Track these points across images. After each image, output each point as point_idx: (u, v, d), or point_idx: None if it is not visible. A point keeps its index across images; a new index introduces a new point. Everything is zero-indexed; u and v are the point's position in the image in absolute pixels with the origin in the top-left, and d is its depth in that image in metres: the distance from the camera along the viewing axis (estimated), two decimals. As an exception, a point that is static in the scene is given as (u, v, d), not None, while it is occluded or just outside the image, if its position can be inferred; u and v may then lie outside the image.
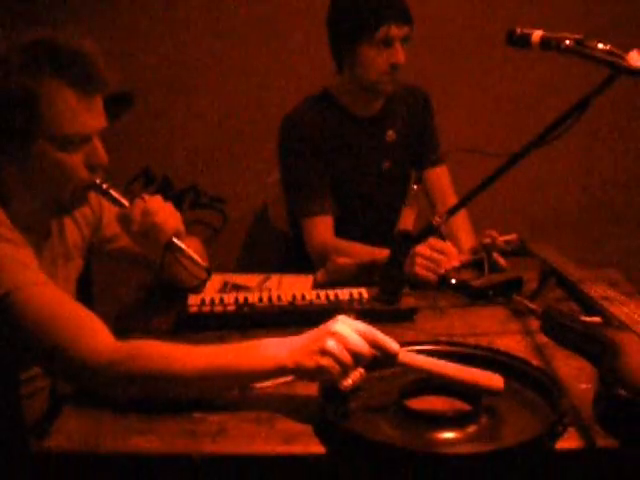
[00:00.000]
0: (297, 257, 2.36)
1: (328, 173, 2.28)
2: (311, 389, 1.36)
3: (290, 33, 3.19)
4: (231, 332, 1.69)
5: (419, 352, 1.45)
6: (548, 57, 1.65)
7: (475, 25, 3.20)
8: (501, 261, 1.98)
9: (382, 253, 1.88)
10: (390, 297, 1.74)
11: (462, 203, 1.74)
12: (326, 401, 1.33)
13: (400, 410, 1.32)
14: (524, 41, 1.59)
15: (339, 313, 1.67)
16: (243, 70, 3.28)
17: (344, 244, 2.17)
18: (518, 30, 1.59)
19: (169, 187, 3.36)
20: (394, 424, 1.30)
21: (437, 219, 1.71)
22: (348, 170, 2.31)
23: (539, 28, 1.58)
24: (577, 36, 1.50)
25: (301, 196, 2.28)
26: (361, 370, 1.42)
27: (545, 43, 1.55)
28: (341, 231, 2.25)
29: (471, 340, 1.62)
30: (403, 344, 1.51)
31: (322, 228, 2.24)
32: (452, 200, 2.33)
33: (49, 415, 1.42)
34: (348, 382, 1.39)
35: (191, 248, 1.71)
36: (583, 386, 1.41)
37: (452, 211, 1.72)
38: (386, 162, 2.35)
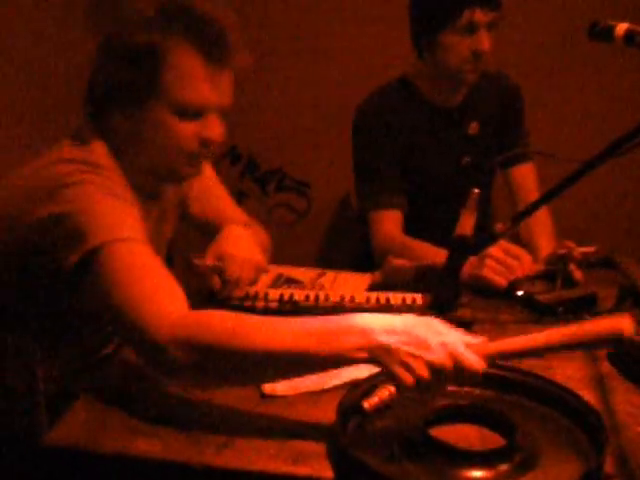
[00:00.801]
0: (365, 253, 2.24)
1: (401, 166, 2.15)
2: (336, 403, 1.25)
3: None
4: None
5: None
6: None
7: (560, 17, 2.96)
8: (577, 274, 1.80)
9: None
10: (444, 307, 1.60)
11: (531, 209, 1.58)
12: (343, 421, 1.21)
13: (423, 440, 1.18)
14: (607, 34, 1.42)
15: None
16: (331, 56, 3.16)
17: (411, 242, 2.04)
18: (601, 22, 1.42)
19: (255, 168, 3.30)
20: (415, 456, 1.17)
21: (500, 226, 1.56)
22: (424, 163, 2.17)
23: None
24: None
25: (370, 188, 2.16)
26: (391, 388, 1.29)
27: (630, 37, 1.37)
28: (411, 229, 2.12)
29: (526, 363, 1.47)
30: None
31: (389, 223, 2.11)
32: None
33: (60, 406, 1.35)
34: (374, 400, 1.27)
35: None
36: (639, 429, 1.25)
37: (518, 218, 1.57)
38: (466, 157, 2.19)
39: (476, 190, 1.54)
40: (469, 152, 2.19)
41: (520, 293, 1.73)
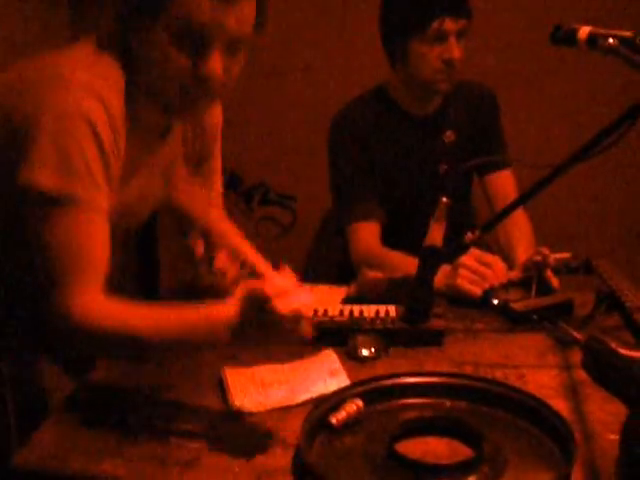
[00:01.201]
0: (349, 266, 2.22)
1: (378, 176, 2.13)
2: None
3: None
4: (242, 345, 1.57)
5: (422, 383, 1.32)
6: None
7: (533, 20, 2.96)
8: (553, 281, 1.79)
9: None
10: (417, 317, 1.59)
11: (500, 216, 1.57)
12: (309, 437, 1.20)
13: (389, 455, 1.17)
14: (570, 38, 1.41)
15: (359, 332, 1.57)
16: (313, 71, 3.15)
17: (389, 254, 2.02)
18: (564, 26, 1.41)
19: (238, 183, 3.28)
20: (382, 472, 1.15)
21: (469, 235, 1.55)
22: (400, 173, 2.16)
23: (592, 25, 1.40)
24: (628, 34, 1.31)
25: (346, 199, 2.14)
26: (359, 403, 1.28)
27: (592, 40, 1.36)
28: (391, 240, 2.10)
29: (499, 372, 1.46)
30: (413, 374, 1.38)
31: (367, 235, 2.09)
32: (518, 211, 2.14)
33: (28, 426, 1.34)
34: (341, 415, 1.26)
35: None
36: (612, 437, 1.22)
37: (488, 226, 1.56)
38: (443, 165, 2.18)
39: (444, 199, 1.53)
40: (446, 160, 2.18)
41: (496, 302, 1.72)
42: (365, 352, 1.52)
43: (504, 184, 2.19)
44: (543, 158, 1.50)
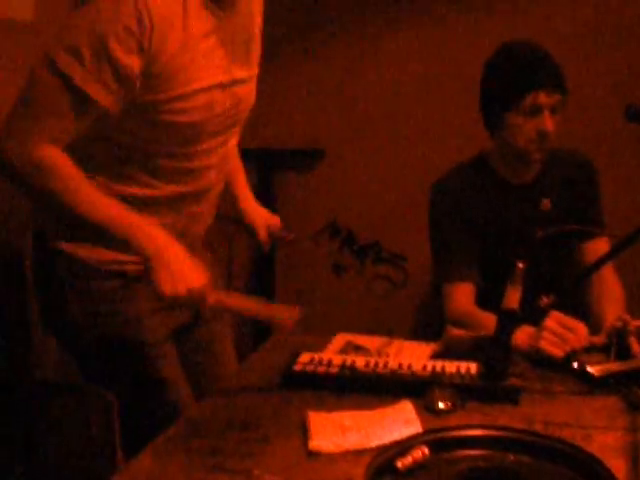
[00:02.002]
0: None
1: (476, 240, 2.24)
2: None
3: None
4: (331, 393, 1.71)
5: (488, 436, 1.41)
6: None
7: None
8: (635, 347, 1.83)
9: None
10: (494, 375, 1.68)
11: (577, 280, 1.65)
12: (375, 478, 1.31)
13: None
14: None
15: (438, 386, 1.67)
16: (425, 135, 3.31)
17: (481, 315, 2.12)
18: (634, 105, 1.50)
19: (353, 241, 3.45)
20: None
21: (545, 300, 1.64)
22: (497, 238, 2.26)
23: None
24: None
25: (445, 261, 2.26)
26: (425, 449, 1.39)
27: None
28: (484, 301, 2.20)
29: (567, 431, 1.53)
30: (480, 426, 1.47)
31: (461, 295, 2.20)
32: (611, 277, 2.21)
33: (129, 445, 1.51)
34: (407, 460, 1.37)
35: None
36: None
37: (564, 291, 1.64)
38: (540, 232, 2.26)
39: (520, 265, 1.63)
40: (542, 228, 2.26)
41: (575, 365, 1.78)
42: (441, 405, 1.62)
43: (599, 252, 2.24)
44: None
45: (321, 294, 3.55)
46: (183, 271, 1.58)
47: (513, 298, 1.63)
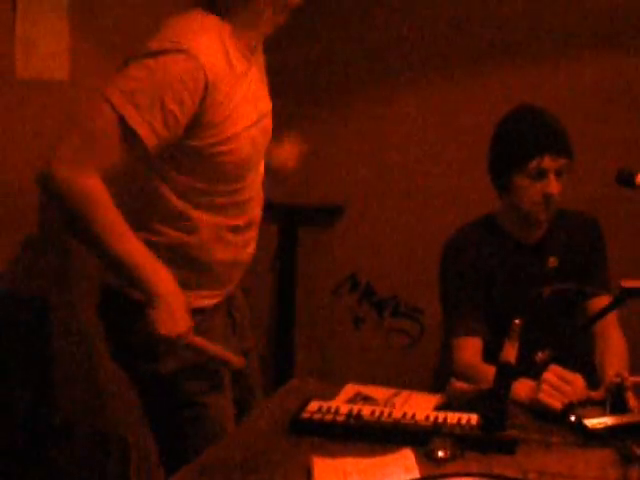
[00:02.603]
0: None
1: (483, 296, 2.33)
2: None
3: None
4: (337, 440, 1.80)
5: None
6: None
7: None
8: (631, 402, 1.90)
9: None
10: (493, 426, 1.75)
11: (575, 334, 1.73)
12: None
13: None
14: (629, 180, 1.60)
15: (438, 435, 1.76)
16: (442, 195, 3.43)
17: (484, 368, 2.19)
18: (625, 170, 1.61)
19: (372, 294, 3.55)
20: None
21: (540, 355, 1.72)
22: (504, 294, 2.34)
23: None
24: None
25: (453, 316, 2.34)
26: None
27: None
28: (491, 356, 2.27)
29: (558, 482, 1.60)
30: (471, 474, 1.55)
31: (469, 349, 2.28)
32: (614, 333, 2.27)
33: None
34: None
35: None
36: None
37: (557, 347, 1.73)
38: (545, 289, 2.34)
39: (517, 321, 1.71)
40: (549, 285, 2.34)
41: (572, 418, 1.85)
42: (440, 454, 1.70)
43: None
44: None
45: (340, 345, 3.64)
46: (180, 317, 1.76)
47: (510, 352, 1.71)
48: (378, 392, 2.10)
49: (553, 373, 1.92)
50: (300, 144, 2.24)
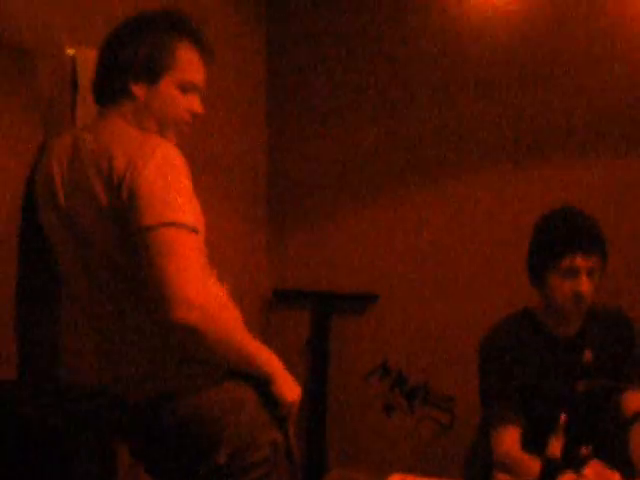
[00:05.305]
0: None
1: (521, 387, 2.39)
2: None
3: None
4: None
5: None
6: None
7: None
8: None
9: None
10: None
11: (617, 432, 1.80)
12: None
13: None
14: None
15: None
16: (467, 279, 3.52)
17: (526, 458, 2.25)
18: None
19: (403, 382, 3.61)
20: None
21: (584, 450, 1.79)
22: (541, 387, 2.41)
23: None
24: None
25: (492, 406, 2.41)
26: None
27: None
28: (530, 446, 2.33)
29: None
30: None
31: (509, 438, 2.33)
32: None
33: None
34: None
35: None
36: None
37: (603, 441, 1.79)
38: (581, 383, 2.42)
39: (563, 417, 1.79)
40: (584, 379, 2.41)
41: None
42: None
43: (635, 404, 2.38)
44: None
45: (372, 433, 3.68)
46: (293, 382, 1.88)
47: (556, 447, 1.79)
48: (422, 482, 2.17)
49: (593, 469, 1.98)
50: None
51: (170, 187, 1.73)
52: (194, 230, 1.74)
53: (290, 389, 1.85)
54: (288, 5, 3.79)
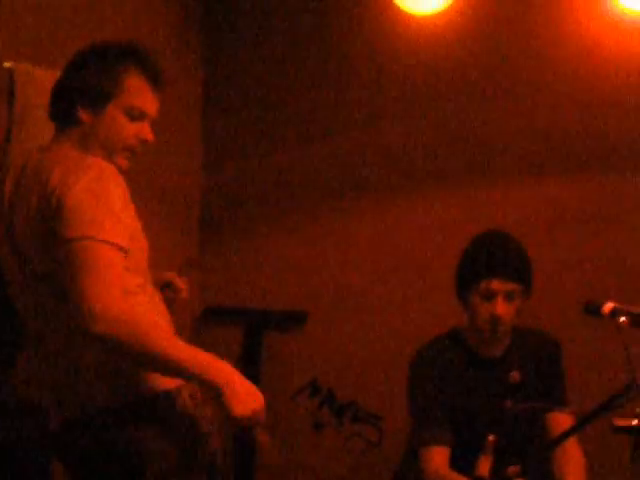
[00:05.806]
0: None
1: (449, 407, 2.46)
2: None
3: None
4: None
5: None
6: None
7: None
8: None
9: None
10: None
11: (544, 452, 1.86)
12: None
13: None
14: (596, 311, 1.78)
15: None
16: (397, 298, 3.59)
17: (453, 477, 2.31)
18: (592, 301, 1.79)
19: (332, 400, 3.64)
20: None
21: (512, 469, 1.85)
22: (469, 407, 2.47)
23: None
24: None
25: (422, 426, 2.47)
26: None
27: (614, 313, 1.73)
28: (458, 465, 2.39)
29: None
30: None
31: (437, 457, 2.39)
32: (573, 449, 2.40)
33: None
34: None
35: None
36: None
37: (530, 461, 1.86)
38: (508, 403, 2.49)
39: (491, 437, 1.85)
40: (511, 398, 2.49)
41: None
42: None
43: (561, 423, 2.46)
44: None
45: (301, 450, 3.70)
46: (248, 394, 1.79)
47: (484, 466, 1.85)
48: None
49: None
50: None
51: (98, 204, 1.76)
52: (120, 248, 1.75)
53: (240, 402, 1.76)
54: (224, 22, 3.81)
